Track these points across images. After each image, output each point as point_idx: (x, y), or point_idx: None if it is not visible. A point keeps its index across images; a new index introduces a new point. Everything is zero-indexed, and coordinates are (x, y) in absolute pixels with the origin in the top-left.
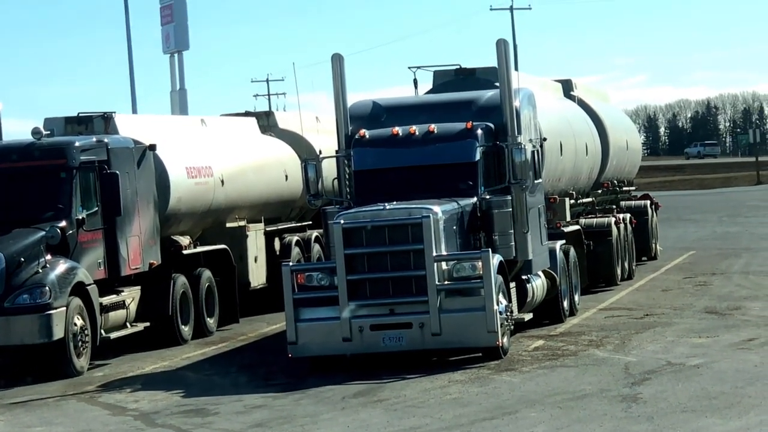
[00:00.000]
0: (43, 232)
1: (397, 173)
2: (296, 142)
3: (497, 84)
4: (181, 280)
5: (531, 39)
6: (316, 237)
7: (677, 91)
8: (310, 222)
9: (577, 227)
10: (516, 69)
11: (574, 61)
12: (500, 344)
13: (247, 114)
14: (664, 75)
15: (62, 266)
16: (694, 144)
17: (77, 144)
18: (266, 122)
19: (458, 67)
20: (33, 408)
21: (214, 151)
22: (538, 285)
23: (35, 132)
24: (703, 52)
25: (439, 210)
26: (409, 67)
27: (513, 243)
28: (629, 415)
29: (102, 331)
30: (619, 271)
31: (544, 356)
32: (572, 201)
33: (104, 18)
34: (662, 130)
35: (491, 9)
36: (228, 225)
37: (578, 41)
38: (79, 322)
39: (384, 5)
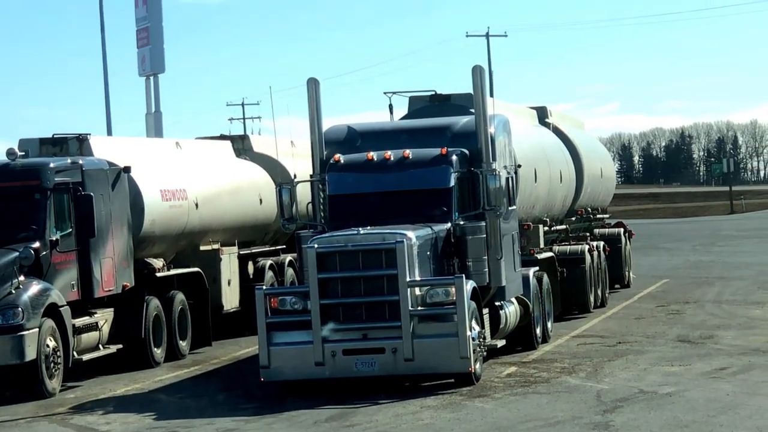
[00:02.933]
0: (17, 253)
1: (372, 198)
2: (271, 166)
3: (472, 110)
4: (154, 302)
5: (506, 66)
6: (290, 261)
7: (649, 119)
8: (284, 246)
9: (550, 254)
10: (491, 95)
11: (547, 88)
12: (473, 370)
13: (222, 137)
14: (636, 103)
15: (35, 287)
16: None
17: (52, 165)
18: (241, 146)
19: (433, 93)
20: (4, 429)
21: (188, 174)
22: (511, 311)
23: (10, 153)
24: (674, 81)
25: (413, 235)
26: (384, 93)
27: (486, 269)
28: None
29: (74, 353)
30: (592, 299)
31: (517, 383)
32: (546, 228)
33: (80, 40)
34: (636, 158)
35: (467, 35)
36: (202, 248)
37: (551, 68)
38: (51, 343)
39: (360, 30)
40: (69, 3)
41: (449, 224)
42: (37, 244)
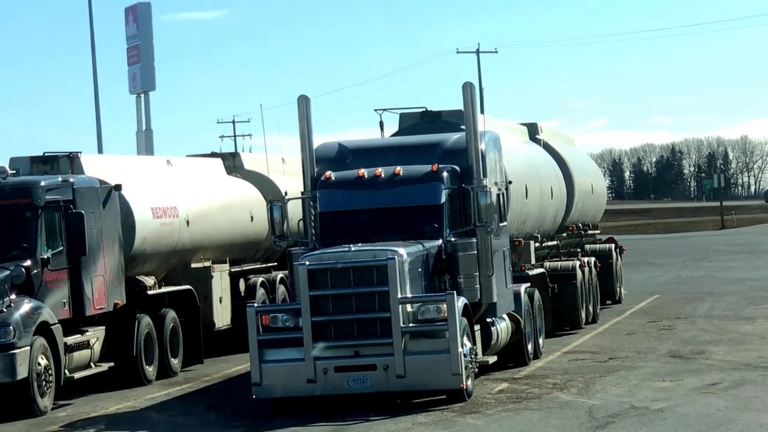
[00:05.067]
0: (8, 271)
1: (363, 215)
2: (262, 183)
3: (463, 127)
4: (146, 320)
5: (497, 82)
6: (281, 278)
7: (637, 135)
8: (276, 263)
9: (541, 270)
10: (482, 112)
11: (535, 104)
12: (464, 387)
13: (213, 155)
14: (624, 119)
15: (27, 306)
16: None
17: (43, 183)
18: (232, 163)
19: (424, 109)
20: None
21: (179, 191)
22: (502, 328)
23: (1, 171)
24: (661, 97)
25: (404, 252)
26: (375, 110)
27: (478, 285)
28: None
29: (66, 371)
30: (583, 315)
31: (509, 399)
32: (537, 244)
33: (71, 58)
34: (627, 174)
35: (458, 52)
36: (193, 265)
37: (539, 85)
38: (43, 361)
39: (351, 48)
40: (59, 21)
41: (440, 241)
42: (28, 263)
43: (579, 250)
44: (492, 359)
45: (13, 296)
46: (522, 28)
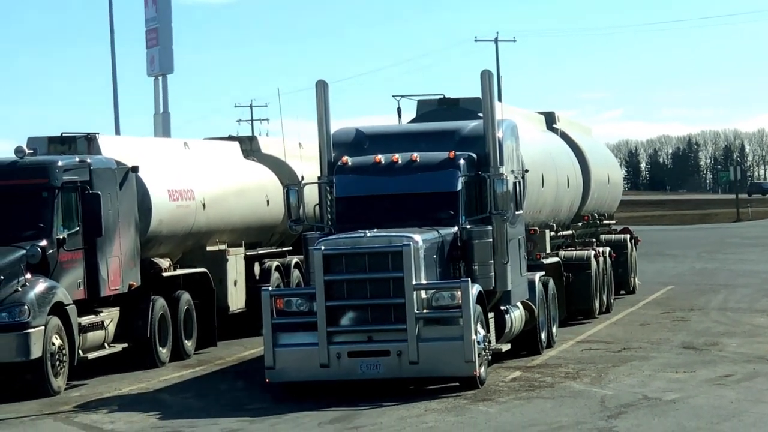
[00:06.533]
0: (24, 251)
1: (379, 201)
2: (279, 167)
3: (480, 114)
4: (160, 302)
5: (514, 71)
6: (296, 263)
7: (652, 126)
8: (291, 247)
9: (556, 259)
10: (500, 100)
11: (551, 93)
12: (477, 374)
13: (230, 138)
14: (639, 110)
15: (42, 285)
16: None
17: (60, 163)
18: (249, 147)
19: (442, 96)
20: (8, 427)
21: (196, 174)
22: (516, 316)
23: (18, 151)
24: (677, 89)
25: (419, 239)
26: (393, 96)
27: (492, 273)
28: None
29: (80, 352)
30: (597, 305)
31: (521, 387)
32: (552, 233)
33: (89, 40)
34: (643, 165)
35: (476, 40)
36: (208, 248)
37: (555, 74)
38: (57, 341)
39: (369, 34)
40: (78, 3)
41: (456, 228)
42: (44, 242)
43: (594, 240)
44: (505, 347)
45: (28, 276)
46: (540, 17)
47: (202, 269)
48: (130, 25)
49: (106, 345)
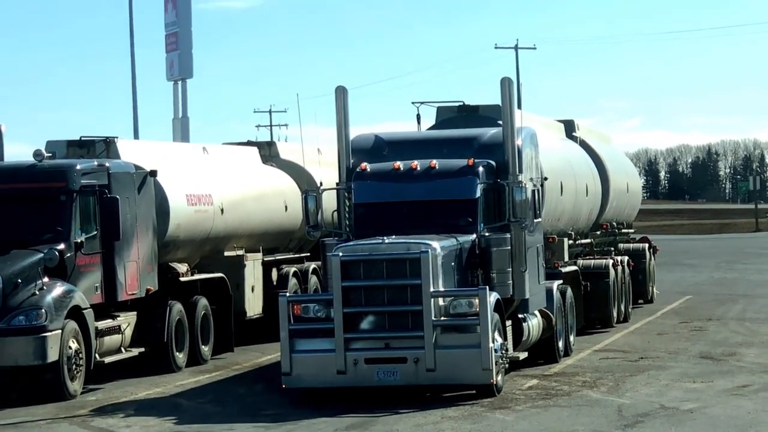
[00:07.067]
0: (42, 254)
1: (397, 207)
2: (297, 173)
3: (500, 122)
4: (178, 307)
5: (534, 78)
6: (314, 269)
7: (672, 135)
8: (309, 253)
9: (574, 268)
10: (519, 108)
11: (570, 101)
12: (494, 382)
13: (249, 143)
14: (658, 119)
15: (59, 289)
16: None
17: (78, 167)
18: (268, 152)
19: (461, 103)
20: (24, 430)
21: (214, 179)
22: (534, 324)
23: (37, 154)
24: (696, 98)
25: (437, 246)
26: (412, 102)
27: (510, 281)
28: None
29: (96, 355)
30: (615, 313)
31: (538, 395)
32: (571, 241)
33: (109, 44)
34: (662, 174)
35: (496, 47)
36: (226, 254)
37: (574, 82)
38: (74, 345)
39: (389, 40)
40: (98, 7)
41: (474, 235)
42: (61, 246)
43: (612, 248)
44: (523, 355)
45: (45, 279)
46: (561, 25)
47: (220, 274)
48: (149, 30)
49: (122, 349)
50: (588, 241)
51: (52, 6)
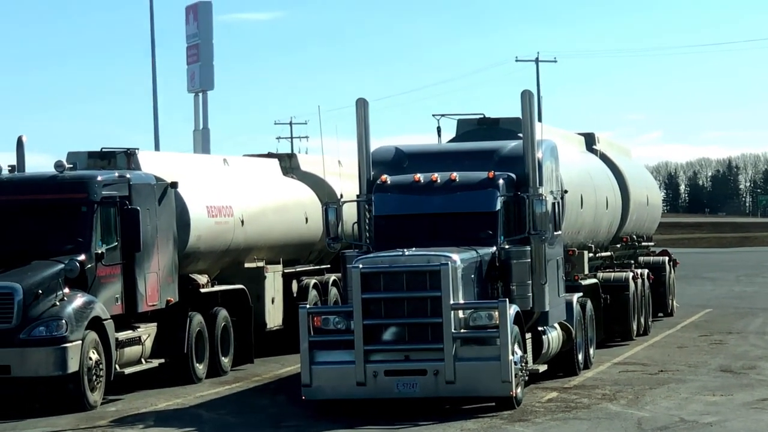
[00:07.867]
0: (62, 265)
1: (418, 220)
2: (318, 185)
3: (520, 135)
4: (198, 318)
5: (555, 91)
6: (334, 281)
7: (692, 149)
8: (329, 265)
9: (594, 281)
10: (540, 120)
11: (590, 114)
12: (514, 394)
13: (269, 155)
14: (679, 132)
15: (79, 300)
16: None
17: (99, 178)
18: (288, 164)
19: (482, 116)
20: None
21: (235, 190)
22: (553, 337)
23: (58, 165)
24: (714, 112)
25: (457, 258)
26: (433, 115)
27: (530, 294)
28: None
29: (117, 366)
30: (635, 326)
31: (558, 408)
32: (591, 254)
33: (131, 55)
34: (682, 187)
35: (517, 60)
36: (246, 265)
37: (594, 95)
38: (94, 356)
39: (410, 52)
40: (120, 18)
41: (494, 248)
42: (82, 257)
43: (632, 261)
44: (542, 368)
45: (66, 290)
46: (581, 38)
47: (240, 286)
48: (171, 41)
49: (143, 360)
50: (608, 254)
51: (75, 17)
